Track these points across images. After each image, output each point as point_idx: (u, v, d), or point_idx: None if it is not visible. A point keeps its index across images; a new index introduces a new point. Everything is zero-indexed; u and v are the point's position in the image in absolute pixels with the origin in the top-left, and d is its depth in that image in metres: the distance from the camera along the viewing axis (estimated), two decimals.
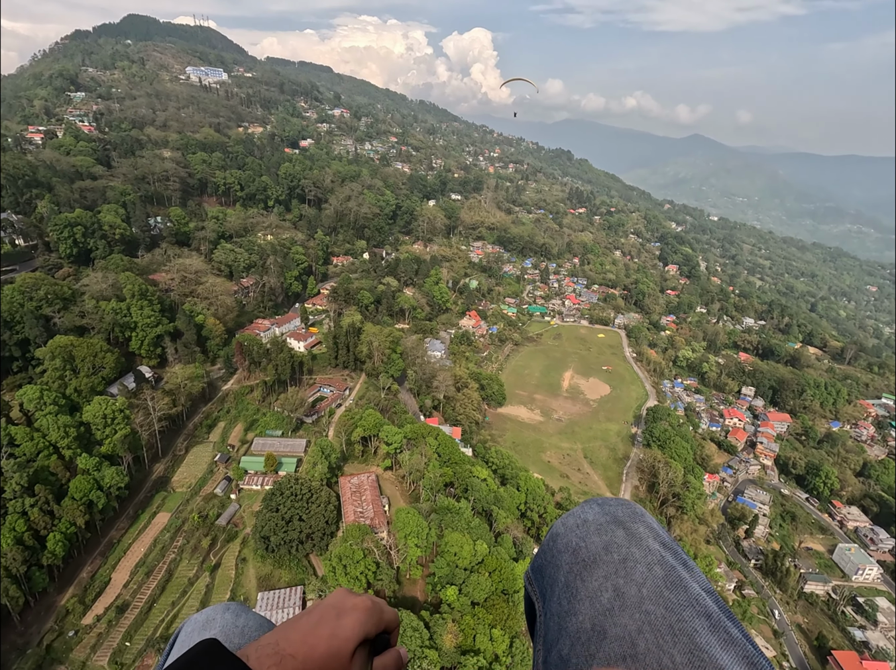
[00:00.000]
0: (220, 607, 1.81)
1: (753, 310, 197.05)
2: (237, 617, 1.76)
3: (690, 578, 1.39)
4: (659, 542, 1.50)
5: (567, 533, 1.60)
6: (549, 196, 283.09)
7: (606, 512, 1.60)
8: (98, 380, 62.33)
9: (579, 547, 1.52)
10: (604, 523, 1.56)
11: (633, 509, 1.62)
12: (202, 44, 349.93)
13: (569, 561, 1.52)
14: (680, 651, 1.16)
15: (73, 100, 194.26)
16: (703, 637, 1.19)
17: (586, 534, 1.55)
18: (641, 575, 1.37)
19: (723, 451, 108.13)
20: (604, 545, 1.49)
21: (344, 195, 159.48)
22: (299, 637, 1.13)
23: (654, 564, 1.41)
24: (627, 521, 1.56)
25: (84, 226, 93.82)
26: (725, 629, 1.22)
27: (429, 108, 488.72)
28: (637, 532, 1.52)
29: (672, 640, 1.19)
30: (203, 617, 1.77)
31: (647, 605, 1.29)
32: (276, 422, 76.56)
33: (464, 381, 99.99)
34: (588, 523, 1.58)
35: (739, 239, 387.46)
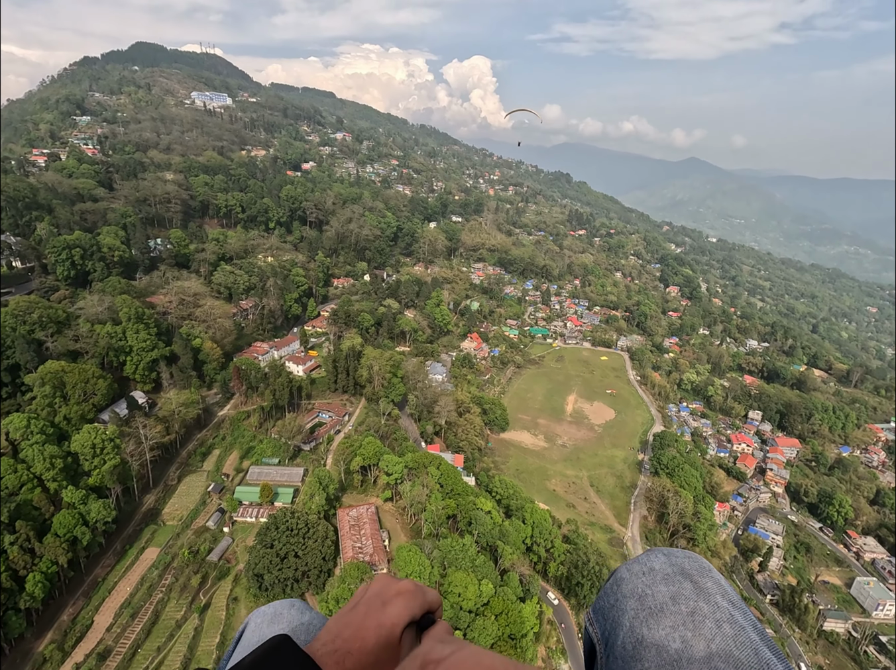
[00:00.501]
0: (287, 603, 1.86)
1: (756, 331, 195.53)
2: (302, 614, 1.81)
3: (760, 641, 1.36)
4: (728, 600, 1.48)
5: (632, 578, 1.60)
6: (548, 218, 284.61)
7: (673, 563, 1.59)
8: (89, 408, 60.22)
9: (646, 594, 1.52)
10: (671, 573, 1.55)
11: (700, 563, 1.61)
12: (208, 70, 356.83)
13: (634, 607, 1.51)
14: None
15: (78, 124, 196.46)
16: None
17: (653, 583, 1.54)
18: (710, 631, 1.35)
19: (732, 478, 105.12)
20: (671, 595, 1.48)
21: (345, 217, 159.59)
22: (351, 632, 1.17)
23: (723, 621, 1.39)
24: (695, 575, 1.54)
25: (83, 249, 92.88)
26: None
27: (429, 132, 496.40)
28: (705, 586, 1.50)
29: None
30: (271, 611, 1.81)
31: (717, 662, 1.27)
32: (273, 450, 74.13)
33: (466, 406, 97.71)
34: (655, 572, 1.58)
35: (739, 260, 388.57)
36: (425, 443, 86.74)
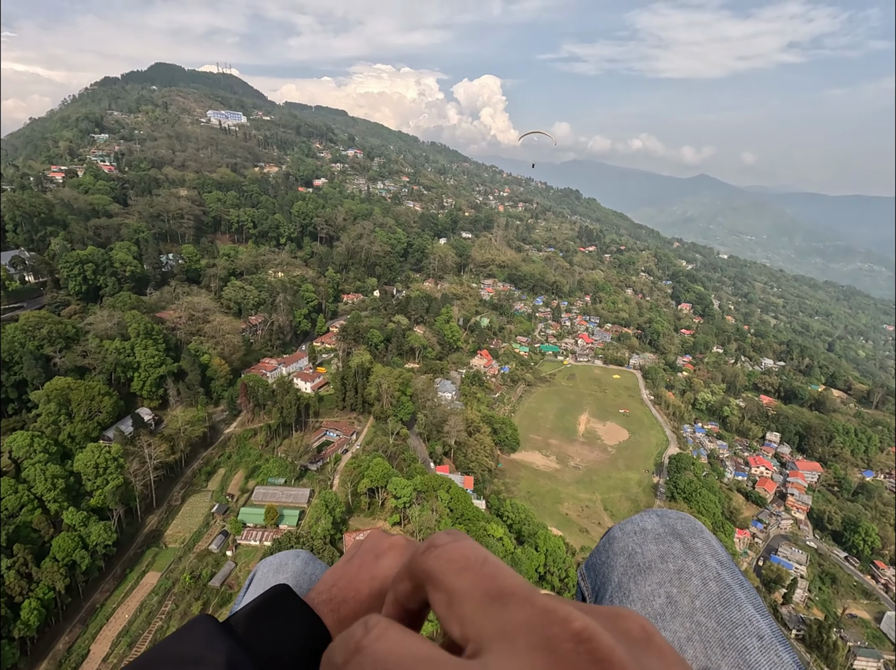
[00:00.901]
0: (291, 554, 1.90)
1: (772, 350, 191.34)
2: (306, 565, 1.84)
3: (746, 598, 1.38)
4: (716, 559, 1.50)
5: (624, 537, 1.63)
6: (558, 234, 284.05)
7: (665, 524, 1.62)
8: (93, 426, 59.33)
9: (635, 552, 1.55)
10: (662, 533, 1.58)
11: (692, 524, 1.64)
12: (224, 89, 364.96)
13: (623, 564, 1.55)
14: (729, 664, 1.16)
15: (96, 141, 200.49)
16: (753, 655, 1.18)
17: (643, 541, 1.57)
18: (696, 588, 1.38)
19: (751, 503, 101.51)
20: (660, 554, 1.51)
21: (356, 233, 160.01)
22: (346, 582, 1.21)
23: (709, 579, 1.41)
24: (686, 535, 1.57)
25: (95, 264, 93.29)
26: (777, 652, 1.20)
27: (440, 149, 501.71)
28: (695, 546, 1.53)
29: (721, 653, 1.19)
30: (276, 561, 1.85)
31: (699, 617, 1.30)
32: (279, 470, 72.58)
33: (476, 425, 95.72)
34: (646, 531, 1.61)
35: (751, 277, 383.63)
36: (434, 463, 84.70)
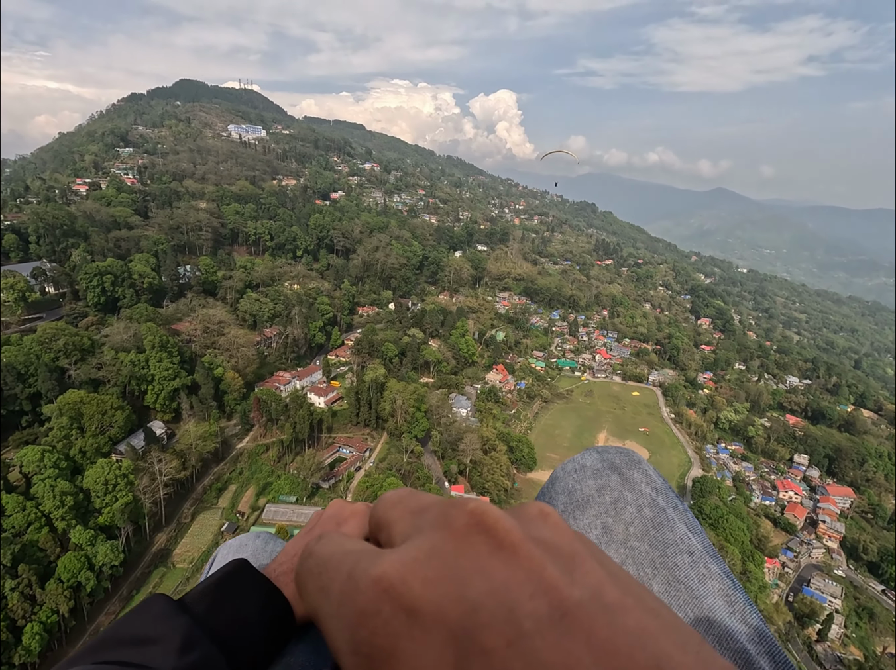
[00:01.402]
0: (252, 535, 1.89)
1: (797, 367, 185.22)
2: (266, 544, 1.82)
3: (678, 519, 1.42)
4: (652, 487, 1.52)
5: (565, 476, 1.64)
6: (575, 247, 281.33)
7: (604, 459, 1.62)
8: (104, 441, 58.58)
9: (574, 489, 1.57)
10: (600, 468, 1.58)
11: (630, 456, 1.64)
12: (245, 104, 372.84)
13: (564, 502, 1.56)
14: (659, 582, 1.21)
15: (120, 154, 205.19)
16: (683, 571, 1.23)
17: (582, 478, 1.58)
18: (630, 516, 1.41)
19: (779, 530, 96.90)
20: (598, 488, 1.52)
21: (372, 245, 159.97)
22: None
23: (643, 506, 1.43)
24: (623, 467, 1.58)
25: (114, 275, 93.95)
26: (706, 564, 1.25)
27: (456, 163, 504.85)
28: (631, 477, 1.53)
29: (653, 573, 1.24)
30: (237, 543, 1.84)
31: (633, 542, 1.34)
32: (291, 487, 71.05)
33: (492, 443, 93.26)
34: (586, 468, 1.61)
35: (771, 291, 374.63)
36: (449, 483, 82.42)
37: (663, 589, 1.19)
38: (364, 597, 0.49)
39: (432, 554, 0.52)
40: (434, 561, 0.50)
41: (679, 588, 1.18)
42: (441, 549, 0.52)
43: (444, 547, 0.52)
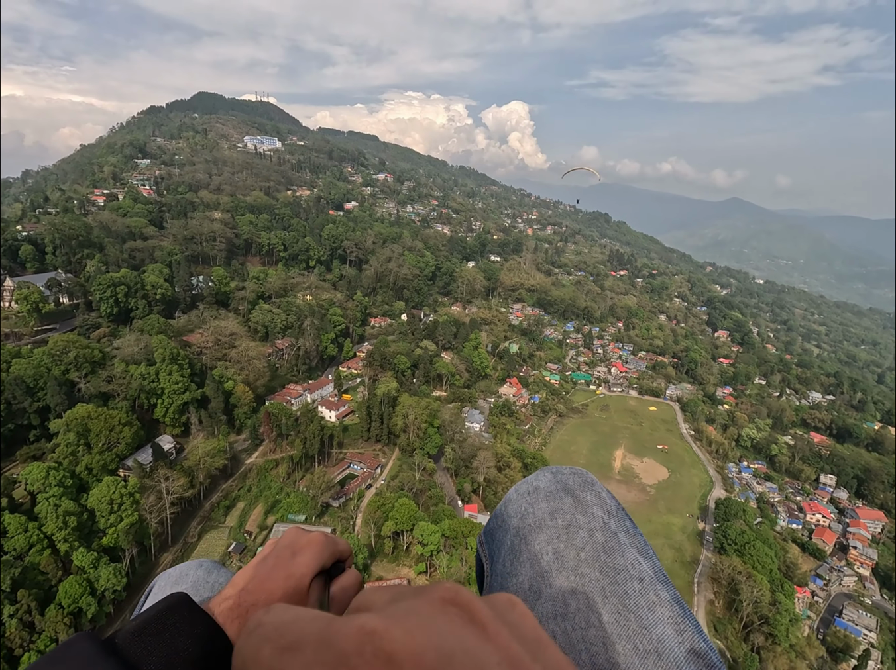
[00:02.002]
0: (194, 564, 1.78)
1: (819, 382, 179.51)
2: (209, 574, 1.73)
3: (630, 544, 1.41)
4: (604, 510, 1.51)
5: (518, 498, 1.62)
6: (588, 258, 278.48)
7: (558, 481, 1.62)
8: (111, 458, 57.28)
9: (527, 512, 1.55)
10: (553, 490, 1.57)
11: (584, 477, 1.64)
12: (261, 116, 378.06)
13: (516, 526, 1.54)
14: (608, 611, 1.19)
15: (138, 166, 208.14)
16: (633, 599, 1.21)
17: (535, 501, 1.57)
18: (581, 540, 1.39)
19: (807, 555, 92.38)
20: (550, 511, 1.51)
21: (385, 256, 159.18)
22: (257, 584, 1.11)
23: (595, 530, 1.42)
24: (576, 489, 1.57)
25: (127, 286, 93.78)
26: (656, 591, 1.23)
27: (468, 173, 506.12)
28: (584, 499, 1.53)
29: (602, 601, 1.21)
30: (176, 573, 1.74)
31: (583, 568, 1.31)
32: (300, 505, 69.11)
33: (506, 460, 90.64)
34: (539, 490, 1.60)
35: (790, 303, 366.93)
36: (462, 501, 79.91)
37: (613, 618, 1.17)
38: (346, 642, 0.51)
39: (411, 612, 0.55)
40: (413, 617, 0.54)
41: (629, 617, 1.17)
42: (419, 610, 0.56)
43: (421, 609, 0.56)
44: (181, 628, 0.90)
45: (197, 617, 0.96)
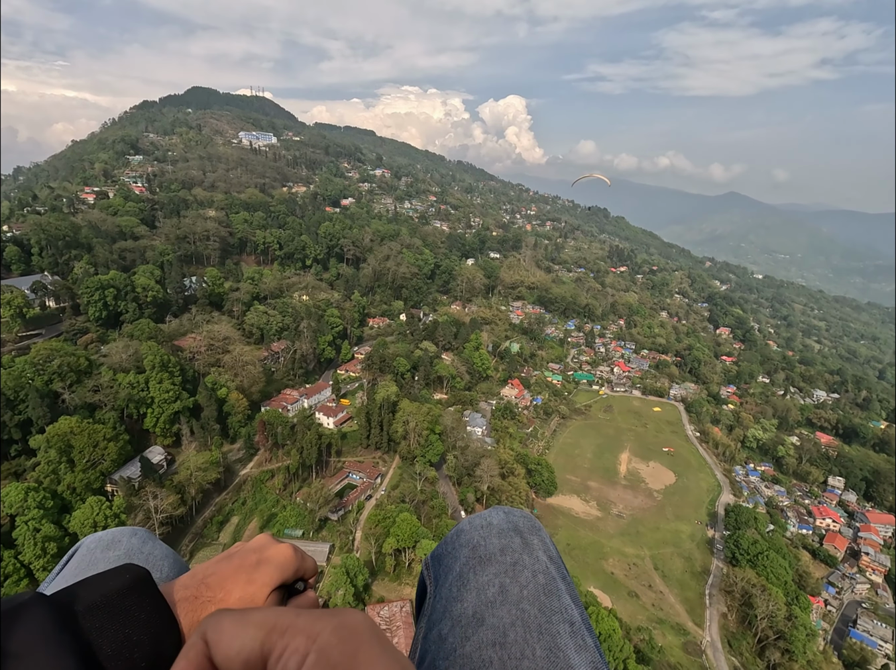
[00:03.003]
0: (127, 530, 1.75)
1: (823, 380, 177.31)
2: (143, 544, 1.71)
3: (565, 590, 1.57)
4: (547, 555, 1.68)
5: (471, 530, 1.77)
6: (588, 254, 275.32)
7: (509, 520, 1.79)
8: (96, 476, 54.11)
9: (479, 544, 1.69)
10: (505, 529, 1.73)
11: (532, 522, 1.82)
12: (257, 111, 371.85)
13: (467, 555, 1.68)
14: (542, 646, 1.32)
15: (130, 162, 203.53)
16: (563, 639, 1.36)
17: (488, 535, 1.72)
18: (526, 579, 1.54)
19: (818, 562, 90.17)
20: (500, 547, 1.66)
21: (382, 254, 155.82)
22: (217, 581, 1.12)
23: (538, 572, 1.57)
24: (525, 532, 1.74)
25: (116, 289, 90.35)
26: (583, 636, 1.39)
27: (466, 168, 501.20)
28: (531, 542, 1.69)
29: (538, 637, 1.35)
30: (108, 537, 1.70)
31: (525, 604, 1.45)
32: (297, 519, 66.31)
33: (509, 467, 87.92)
34: (492, 526, 1.76)
35: (789, 298, 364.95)
36: (465, 512, 77.15)
37: (545, 654, 1.31)
38: None
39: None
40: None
41: (559, 655, 1.31)
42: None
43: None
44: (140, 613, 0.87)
45: (158, 605, 0.94)
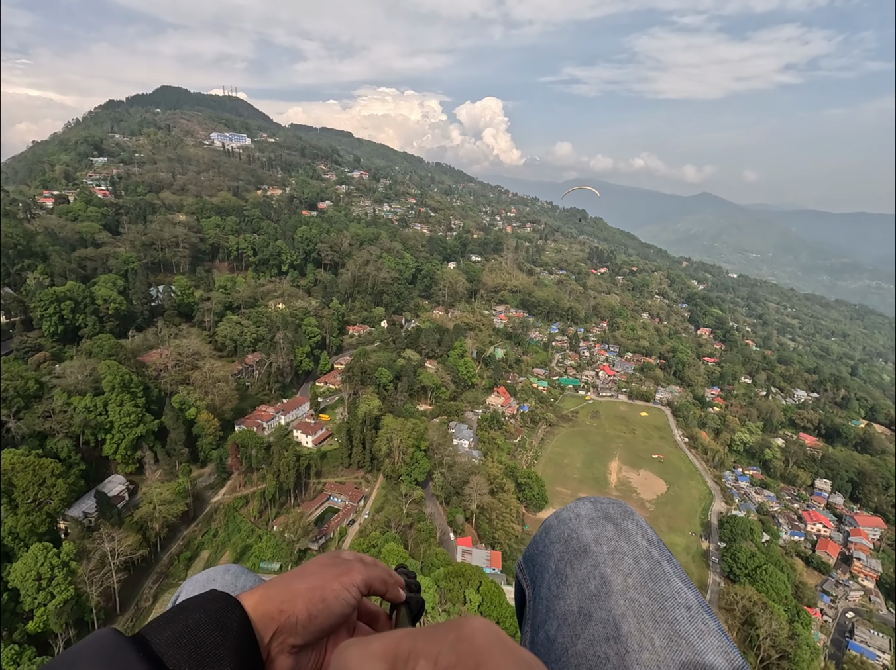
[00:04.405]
0: (221, 568, 1.78)
1: (803, 380, 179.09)
2: (237, 579, 1.73)
3: (673, 573, 1.45)
4: (646, 539, 1.57)
5: (560, 525, 1.68)
6: (569, 256, 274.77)
7: (598, 509, 1.68)
8: (41, 519, 48.29)
9: (571, 537, 1.60)
10: (595, 518, 1.63)
11: (623, 507, 1.72)
12: (229, 112, 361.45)
13: (560, 551, 1.59)
14: (660, 635, 1.22)
15: (94, 164, 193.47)
16: (682, 625, 1.25)
17: (578, 527, 1.62)
18: (628, 567, 1.44)
19: (811, 569, 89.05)
20: (594, 537, 1.56)
21: (362, 259, 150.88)
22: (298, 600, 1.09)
23: (640, 557, 1.47)
24: (618, 518, 1.63)
25: (74, 301, 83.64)
26: (703, 620, 1.28)
27: (445, 170, 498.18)
28: (626, 528, 1.59)
29: (654, 626, 1.25)
30: (204, 578, 1.74)
31: (632, 593, 1.35)
32: (274, 551, 61.27)
33: (499, 482, 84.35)
34: (581, 517, 1.66)
35: (763, 297, 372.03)
36: (454, 533, 73.16)
37: (664, 643, 1.21)
38: None
39: None
40: None
41: (680, 642, 1.20)
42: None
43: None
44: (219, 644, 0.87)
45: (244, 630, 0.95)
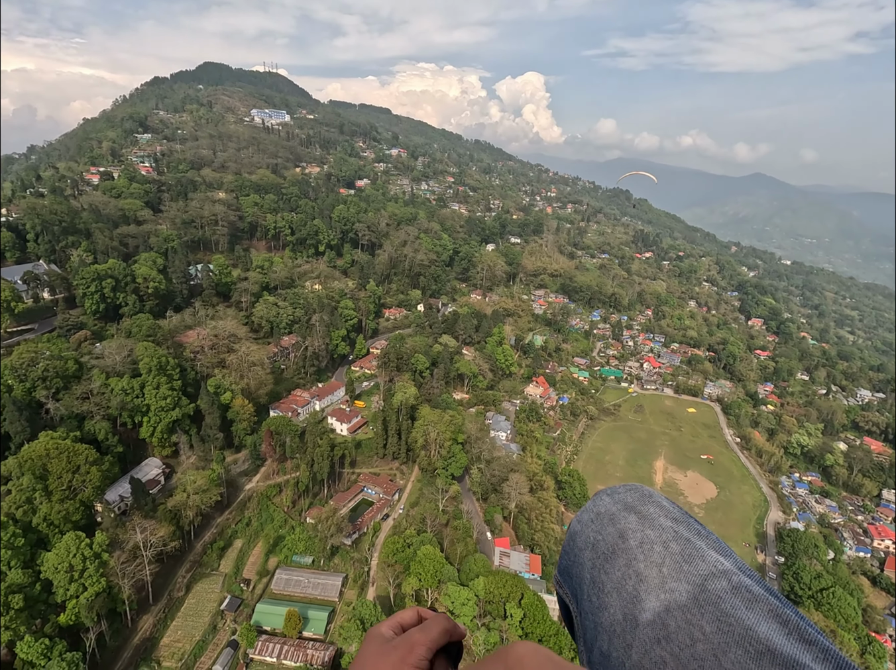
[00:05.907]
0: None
1: (866, 377, 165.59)
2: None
3: (707, 546, 1.40)
4: (670, 519, 1.51)
5: (584, 529, 1.62)
6: (612, 239, 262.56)
7: (617, 501, 1.62)
8: (75, 506, 47.66)
9: (597, 540, 1.54)
10: (616, 512, 1.58)
11: (641, 492, 1.65)
12: (270, 88, 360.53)
13: (591, 558, 1.53)
14: (708, 620, 1.16)
15: (139, 141, 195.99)
16: (728, 601, 1.19)
17: (601, 527, 1.56)
18: (660, 556, 1.38)
19: (878, 590, 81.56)
20: (619, 534, 1.50)
21: (399, 240, 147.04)
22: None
23: (669, 541, 1.42)
24: (638, 505, 1.57)
25: (115, 279, 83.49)
26: (747, 588, 1.22)
27: (483, 147, 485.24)
28: (648, 513, 1.53)
29: (699, 612, 1.19)
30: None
31: (670, 583, 1.30)
32: (307, 544, 59.68)
33: (538, 480, 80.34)
34: (601, 515, 1.60)
35: (819, 286, 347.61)
36: (491, 533, 69.99)
37: (715, 627, 1.14)
38: None
39: None
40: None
41: (730, 621, 1.14)
42: None
43: None
44: None
45: None
